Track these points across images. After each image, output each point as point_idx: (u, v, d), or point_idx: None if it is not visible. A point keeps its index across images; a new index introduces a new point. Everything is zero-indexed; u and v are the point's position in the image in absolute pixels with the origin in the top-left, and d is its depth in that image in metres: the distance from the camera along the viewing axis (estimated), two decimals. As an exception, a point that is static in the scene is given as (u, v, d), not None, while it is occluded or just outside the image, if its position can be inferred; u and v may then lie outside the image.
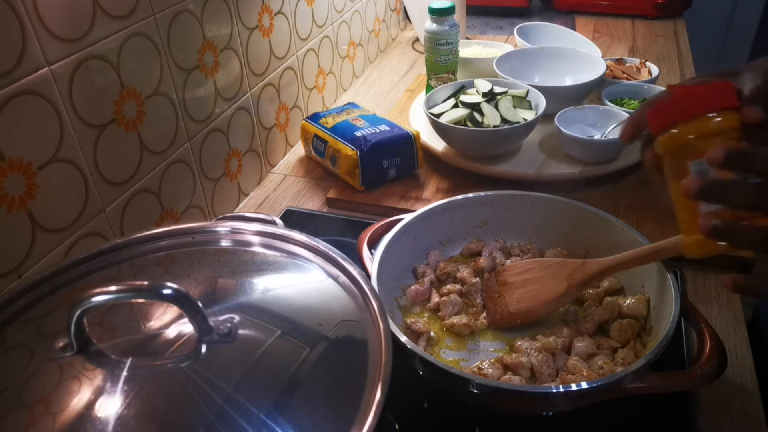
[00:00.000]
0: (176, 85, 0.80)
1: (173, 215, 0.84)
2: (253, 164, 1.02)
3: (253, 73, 0.98)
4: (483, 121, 0.95)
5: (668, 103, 0.53)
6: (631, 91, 1.06)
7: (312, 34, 1.15)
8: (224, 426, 0.40)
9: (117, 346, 0.46)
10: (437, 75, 1.14)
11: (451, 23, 1.09)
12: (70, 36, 0.63)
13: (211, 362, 0.44)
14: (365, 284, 0.52)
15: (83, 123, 0.67)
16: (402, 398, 0.52)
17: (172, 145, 0.81)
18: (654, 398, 0.57)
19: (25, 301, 0.52)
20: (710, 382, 0.55)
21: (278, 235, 0.59)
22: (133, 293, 0.44)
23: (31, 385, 0.43)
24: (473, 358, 0.66)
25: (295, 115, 1.14)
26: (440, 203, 0.77)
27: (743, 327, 0.72)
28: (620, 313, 0.67)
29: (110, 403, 0.41)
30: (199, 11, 0.82)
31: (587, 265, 0.66)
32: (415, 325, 0.67)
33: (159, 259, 0.57)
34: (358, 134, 0.95)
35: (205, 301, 0.47)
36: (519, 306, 0.68)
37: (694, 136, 0.51)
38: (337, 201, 0.97)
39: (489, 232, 0.80)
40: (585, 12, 1.67)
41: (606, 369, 0.60)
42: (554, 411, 0.61)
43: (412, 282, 0.75)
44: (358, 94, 1.34)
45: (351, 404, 0.42)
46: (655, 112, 0.53)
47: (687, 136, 0.51)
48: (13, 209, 0.60)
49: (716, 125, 0.50)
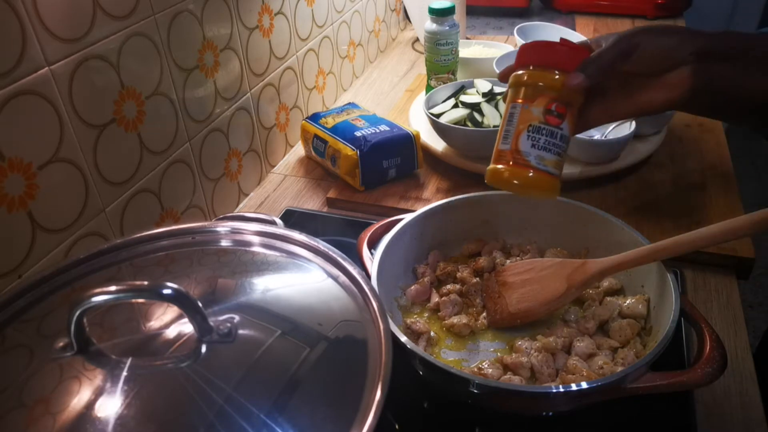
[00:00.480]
0: (176, 85, 0.80)
1: (173, 215, 0.84)
2: (253, 164, 1.02)
3: (253, 73, 0.98)
4: (483, 121, 0.95)
5: (537, 46, 0.60)
6: (631, 91, 1.05)
7: (312, 34, 1.15)
8: (224, 426, 0.40)
9: (117, 346, 0.46)
10: (437, 75, 1.14)
11: (451, 23, 1.10)
12: (70, 36, 0.64)
13: (211, 362, 0.44)
14: (365, 284, 0.52)
15: (83, 123, 0.67)
16: (402, 398, 0.52)
17: (172, 145, 0.81)
18: (654, 398, 0.57)
19: (25, 301, 0.52)
20: (710, 382, 0.55)
21: (278, 235, 0.59)
22: (133, 293, 0.44)
23: (31, 385, 0.43)
24: (473, 358, 0.66)
25: (295, 115, 1.14)
26: (440, 203, 0.77)
27: (743, 327, 0.72)
28: (620, 313, 0.67)
29: (110, 403, 0.41)
30: (199, 11, 0.82)
31: (587, 265, 0.66)
32: (415, 325, 0.67)
33: (159, 259, 0.57)
34: (358, 134, 0.95)
35: (205, 301, 0.47)
36: (519, 306, 0.68)
37: (529, 82, 0.58)
38: (337, 201, 0.97)
39: (489, 232, 0.80)
40: (585, 12, 1.67)
41: (606, 369, 0.60)
42: (554, 411, 0.61)
43: (412, 282, 0.75)
44: (358, 94, 1.34)
45: (351, 404, 0.42)
46: (524, 49, 0.60)
47: (524, 79, 0.59)
48: (13, 209, 0.60)
49: (546, 81, 0.58)
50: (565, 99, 0.57)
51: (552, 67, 0.58)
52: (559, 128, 0.58)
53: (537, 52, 0.60)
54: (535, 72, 0.59)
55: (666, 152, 1.00)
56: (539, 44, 0.60)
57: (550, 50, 0.59)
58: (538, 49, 0.60)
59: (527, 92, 0.59)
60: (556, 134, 0.58)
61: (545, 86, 0.58)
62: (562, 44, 0.59)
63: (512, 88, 0.61)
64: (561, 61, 0.58)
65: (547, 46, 0.59)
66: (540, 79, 0.58)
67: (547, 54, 0.59)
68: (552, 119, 0.57)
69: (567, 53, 0.58)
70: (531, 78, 0.59)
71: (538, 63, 0.59)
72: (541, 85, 0.58)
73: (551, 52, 0.59)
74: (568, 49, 0.59)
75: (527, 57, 0.60)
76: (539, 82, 0.58)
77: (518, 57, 0.61)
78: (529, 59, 0.60)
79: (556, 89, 0.57)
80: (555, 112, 0.57)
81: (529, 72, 0.59)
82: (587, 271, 0.66)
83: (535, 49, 0.60)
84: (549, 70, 0.58)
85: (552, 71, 0.58)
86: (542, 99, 0.58)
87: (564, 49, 0.59)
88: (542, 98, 0.58)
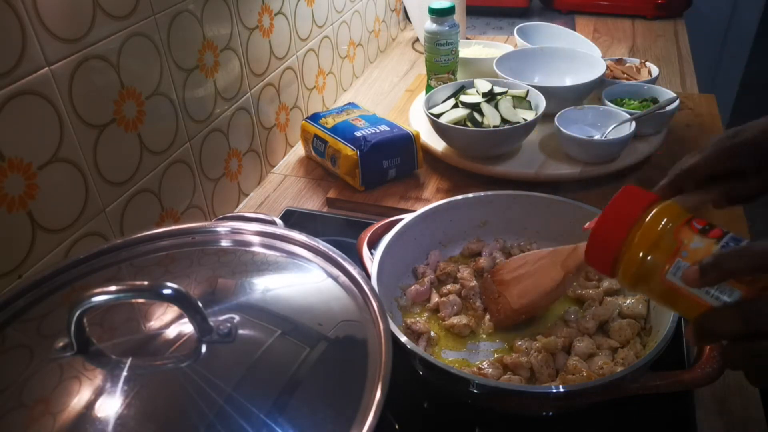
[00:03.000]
0: (176, 85, 0.80)
1: (173, 215, 0.84)
2: (253, 164, 1.02)
3: (253, 73, 0.98)
4: (483, 121, 0.95)
5: (595, 242, 0.48)
6: (631, 91, 1.05)
7: (312, 35, 1.15)
8: (224, 426, 0.40)
9: (117, 346, 0.46)
10: (437, 75, 1.14)
11: (451, 23, 1.09)
12: (70, 36, 0.63)
13: (211, 362, 0.44)
14: (365, 284, 0.52)
15: (83, 123, 0.67)
16: (402, 398, 0.52)
17: (172, 145, 0.81)
18: (654, 398, 0.57)
19: (25, 301, 0.52)
20: (710, 382, 0.55)
21: (278, 235, 0.59)
22: (133, 293, 0.44)
23: (31, 385, 0.43)
24: (473, 358, 0.66)
25: (295, 115, 1.14)
26: (440, 203, 0.77)
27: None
28: (620, 313, 0.67)
29: (110, 403, 0.41)
30: (199, 11, 0.82)
31: (579, 249, 0.65)
32: (415, 325, 0.67)
33: (159, 259, 0.57)
34: (358, 134, 0.95)
35: (205, 301, 0.47)
36: (521, 301, 0.67)
37: (645, 250, 0.45)
38: (337, 201, 0.97)
39: (489, 232, 0.80)
40: (585, 12, 1.67)
41: (606, 369, 0.60)
42: (554, 411, 0.61)
43: (412, 282, 0.75)
44: (358, 94, 1.34)
45: (351, 404, 0.42)
46: (590, 256, 0.49)
47: (638, 255, 0.45)
48: (13, 209, 0.60)
49: (656, 224, 0.45)
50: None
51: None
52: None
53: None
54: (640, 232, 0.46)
55: (666, 152, 1.00)
56: (596, 229, 0.49)
57: (611, 214, 0.48)
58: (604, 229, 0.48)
59: (660, 256, 0.45)
60: None
61: (662, 230, 0.45)
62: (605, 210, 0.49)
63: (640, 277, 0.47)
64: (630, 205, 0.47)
65: (604, 218, 0.48)
66: (652, 231, 0.46)
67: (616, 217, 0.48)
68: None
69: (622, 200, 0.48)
70: (646, 240, 0.46)
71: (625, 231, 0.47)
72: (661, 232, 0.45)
73: (614, 214, 0.48)
74: (617, 198, 0.48)
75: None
76: (654, 235, 0.46)
77: (597, 262, 0.49)
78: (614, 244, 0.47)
79: (677, 214, 0.46)
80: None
81: (633, 246, 0.46)
82: (579, 254, 0.65)
83: (604, 232, 0.48)
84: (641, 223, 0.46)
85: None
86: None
87: (614, 202, 0.48)
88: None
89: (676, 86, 1.27)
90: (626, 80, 1.10)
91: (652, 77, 1.11)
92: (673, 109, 0.99)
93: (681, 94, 1.15)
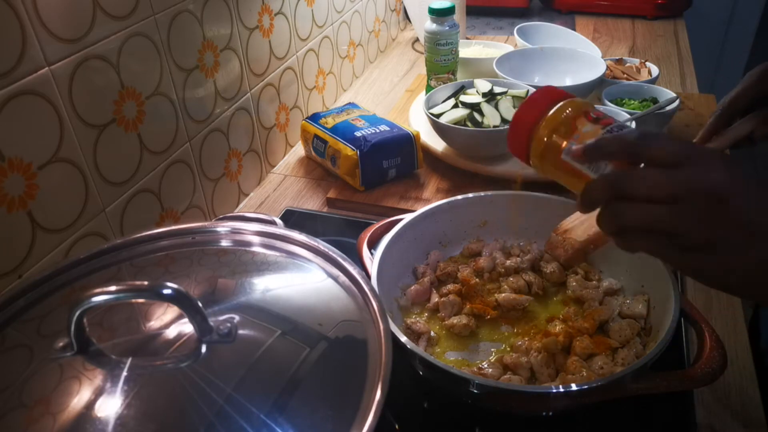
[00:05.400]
0: (176, 85, 0.80)
1: (173, 215, 0.84)
2: (253, 164, 1.02)
3: (253, 73, 0.98)
4: (483, 121, 0.95)
5: (513, 127, 0.56)
6: (631, 91, 1.06)
7: (312, 35, 1.15)
8: (224, 426, 0.40)
9: (117, 346, 0.46)
10: (437, 75, 1.14)
11: (451, 23, 1.10)
12: (70, 36, 0.63)
13: (211, 362, 0.44)
14: (365, 284, 0.52)
15: (83, 123, 0.67)
16: (402, 398, 0.52)
17: (172, 145, 0.81)
18: (654, 398, 0.57)
19: (25, 301, 0.52)
20: (710, 382, 0.55)
21: (278, 235, 0.59)
22: (133, 293, 0.44)
23: (31, 385, 0.43)
24: (473, 358, 0.66)
25: (295, 116, 1.14)
26: (440, 203, 0.77)
27: (743, 327, 0.72)
28: (620, 313, 0.67)
29: (110, 403, 0.41)
30: (199, 11, 0.82)
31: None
32: (415, 325, 0.67)
33: (159, 259, 0.57)
34: (358, 134, 0.95)
35: (205, 301, 0.47)
36: (585, 235, 0.70)
37: (548, 133, 0.53)
38: (337, 201, 0.97)
39: (489, 232, 0.80)
40: (585, 12, 1.67)
41: (606, 369, 0.60)
42: (554, 411, 0.61)
43: (412, 282, 0.75)
44: (358, 94, 1.34)
45: (351, 404, 0.42)
46: (510, 143, 0.57)
47: (543, 137, 0.53)
48: (13, 209, 0.60)
49: (560, 113, 0.53)
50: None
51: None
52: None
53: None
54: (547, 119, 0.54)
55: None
56: (515, 120, 0.56)
57: (528, 108, 0.56)
58: (520, 119, 0.56)
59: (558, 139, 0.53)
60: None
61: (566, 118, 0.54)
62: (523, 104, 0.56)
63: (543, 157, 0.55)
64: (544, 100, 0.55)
65: (522, 111, 0.56)
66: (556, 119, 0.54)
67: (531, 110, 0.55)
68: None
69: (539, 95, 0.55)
70: (550, 124, 0.54)
71: (534, 119, 0.55)
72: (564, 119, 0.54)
73: (530, 106, 0.55)
74: (535, 93, 0.56)
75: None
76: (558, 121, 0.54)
77: (513, 143, 0.57)
78: (528, 127, 0.55)
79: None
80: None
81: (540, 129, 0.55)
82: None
83: (519, 121, 0.56)
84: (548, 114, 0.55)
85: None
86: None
87: (532, 97, 0.56)
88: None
89: (676, 86, 1.27)
90: (626, 80, 1.10)
91: (652, 77, 1.11)
92: (673, 109, 0.99)
93: (681, 94, 1.16)
